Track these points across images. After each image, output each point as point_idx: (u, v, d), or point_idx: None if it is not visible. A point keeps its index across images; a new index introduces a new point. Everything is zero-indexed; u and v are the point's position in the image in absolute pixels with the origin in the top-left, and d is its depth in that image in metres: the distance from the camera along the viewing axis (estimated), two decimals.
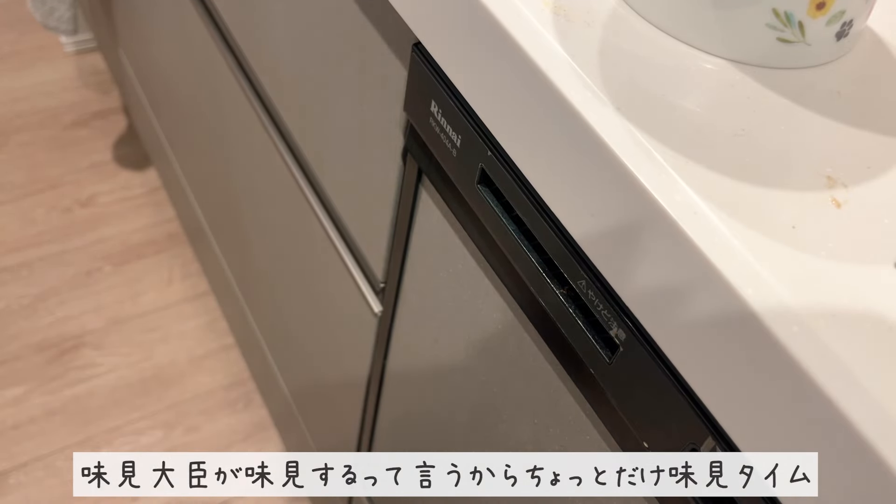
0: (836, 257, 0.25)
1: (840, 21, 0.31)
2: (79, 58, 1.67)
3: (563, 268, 0.33)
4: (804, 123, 0.30)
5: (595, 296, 0.32)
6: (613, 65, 0.30)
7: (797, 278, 0.25)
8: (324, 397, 0.84)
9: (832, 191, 0.27)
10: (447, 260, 0.46)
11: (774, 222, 0.26)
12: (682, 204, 0.26)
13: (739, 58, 0.31)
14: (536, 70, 0.30)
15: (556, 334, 0.36)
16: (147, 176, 1.49)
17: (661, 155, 0.27)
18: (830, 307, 0.24)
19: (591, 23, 0.32)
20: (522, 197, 0.34)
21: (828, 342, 0.23)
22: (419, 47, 0.39)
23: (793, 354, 0.23)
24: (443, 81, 0.37)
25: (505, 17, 0.31)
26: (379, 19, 0.44)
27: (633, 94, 0.29)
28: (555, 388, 0.39)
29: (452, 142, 0.38)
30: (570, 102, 0.29)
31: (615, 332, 0.31)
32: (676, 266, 0.26)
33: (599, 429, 0.36)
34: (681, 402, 0.29)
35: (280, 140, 0.67)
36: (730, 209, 0.26)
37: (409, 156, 0.46)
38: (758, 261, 0.25)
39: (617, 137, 0.28)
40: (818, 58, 0.32)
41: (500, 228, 0.37)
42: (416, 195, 0.47)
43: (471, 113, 0.36)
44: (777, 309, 0.24)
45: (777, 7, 0.30)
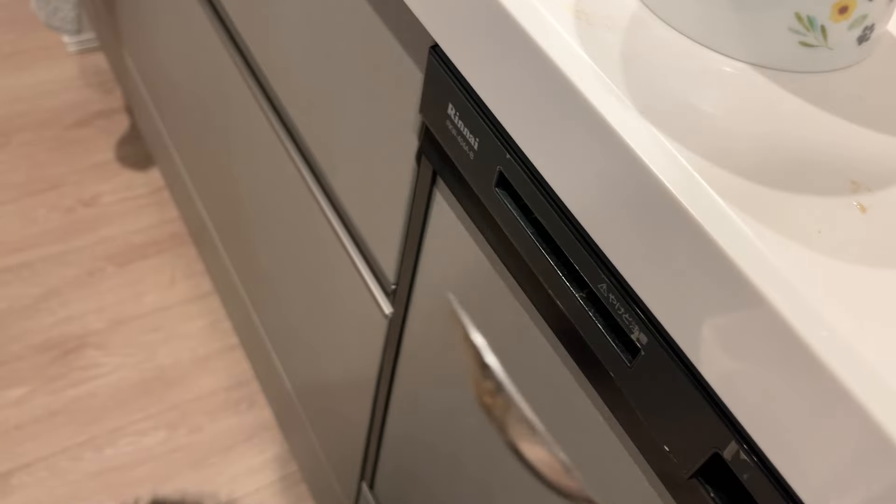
0: (862, 262, 0.25)
1: (862, 25, 0.31)
2: (81, 57, 1.67)
3: (584, 271, 0.33)
4: (827, 127, 0.30)
5: (616, 299, 0.32)
6: (635, 68, 0.30)
7: (824, 283, 0.24)
8: (330, 399, 0.84)
9: (857, 195, 0.27)
10: (461, 262, 0.46)
11: (800, 227, 0.26)
12: (706, 208, 0.26)
13: (761, 62, 0.31)
14: (558, 73, 0.30)
15: (574, 338, 0.36)
16: (150, 176, 1.48)
17: (685, 159, 0.27)
18: (859, 312, 0.24)
19: (613, 27, 0.32)
20: (542, 200, 0.34)
21: (857, 347, 0.23)
22: (436, 49, 0.39)
23: (821, 359, 0.23)
24: (460, 84, 0.37)
25: (526, 20, 0.31)
26: (393, 21, 0.44)
27: (656, 98, 0.29)
28: (571, 390, 0.39)
29: (470, 144, 0.38)
30: (593, 106, 0.29)
31: (636, 335, 0.31)
32: (701, 271, 0.26)
33: (618, 432, 0.36)
34: (703, 405, 0.29)
35: (289, 140, 0.67)
36: (755, 213, 0.26)
37: (423, 158, 0.46)
38: (784, 265, 0.25)
39: (640, 141, 0.28)
40: (840, 62, 0.32)
41: (518, 231, 0.37)
42: (431, 197, 0.47)
43: (489, 116, 0.36)
44: (805, 313, 0.24)
45: (800, 11, 0.30)
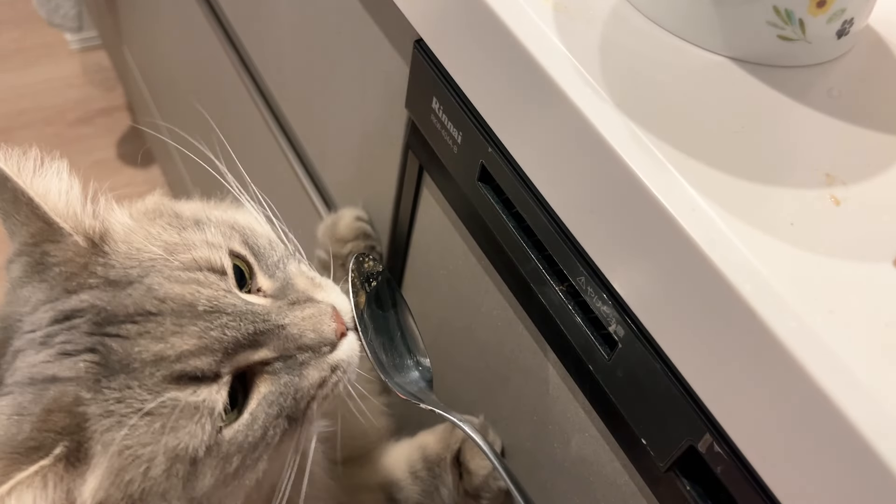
0: (834, 254, 0.25)
1: (841, 19, 0.31)
2: (83, 55, 1.67)
3: (563, 264, 0.33)
4: (804, 121, 0.30)
5: (594, 292, 0.32)
6: (614, 61, 0.30)
7: (795, 275, 0.25)
8: None
9: (831, 188, 0.27)
10: (448, 257, 0.46)
11: (773, 219, 0.26)
12: (680, 201, 0.26)
13: (740, 55, 0.31)
14: (537, 66, 0.30)
15: (555, 331, 0.36)
16: (150, 173, 1.49)
17: (660, 151, 0.27)
18: (828, 304, 0.24)
19: (592, 19, 0.32)
20: (522, 193, 0.34)
21: (825, 338, 0.23)
22: (420, 44, 0.39)
23: (790, 350, 0.23)
24: (444, 78, 0.38)
25: (506, 13, 0.31)
26: (381, 15, 0.44)
27: (634, 91, 0.29)
28: (554, 384, 0.39)
29: (453, 138, 0.38)
30: (570, 99, 0.29)
31: (614, 328, 0.31)
32: (675, 263, 0.26)
33: (598, 425, 0.36)
34: (679, 398, 0.29)
35: (282, 136, 0.68)
36: (728, 206, 0.26)
37: (410, 152, 0.46)
38: (756, 257, 0.25)
39: (616, 134, 0.28)
40: (819, 56, 0.32)
41: (501, 225, 0.37)
42: (418, 192, 0.47)
43: (472, 109, 0.36)
44: (775, 305, 0.24)
45: (778, 4, 0.30)
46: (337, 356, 0.37)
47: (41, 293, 0.35)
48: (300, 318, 0.36)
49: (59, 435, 0.31)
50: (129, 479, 0.32)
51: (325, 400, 0.37)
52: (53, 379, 0.32)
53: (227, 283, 0.35)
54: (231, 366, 0.34)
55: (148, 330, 0.33)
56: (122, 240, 0.36)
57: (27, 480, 0.30)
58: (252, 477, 0.35)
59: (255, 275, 0.38)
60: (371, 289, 0.41)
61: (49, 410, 0.31)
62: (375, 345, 0.40)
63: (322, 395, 0.36)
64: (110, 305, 0.33)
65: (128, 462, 0.32)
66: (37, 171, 0.36)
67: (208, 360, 0.33)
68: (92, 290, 0.34)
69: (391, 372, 0.40)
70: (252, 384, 0.35)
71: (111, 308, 0.33)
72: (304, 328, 0.36)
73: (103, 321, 0.33)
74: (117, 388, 0.32)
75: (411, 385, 0.40)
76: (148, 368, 0.32)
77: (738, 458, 0.27)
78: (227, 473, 0.34)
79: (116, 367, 0.32)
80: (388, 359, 0.41)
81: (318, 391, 0.36)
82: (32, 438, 0.31)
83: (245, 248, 0.38)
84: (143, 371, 0.32)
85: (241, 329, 0.34)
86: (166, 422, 0.32)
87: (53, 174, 0.37)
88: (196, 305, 0.34)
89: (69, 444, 0.31)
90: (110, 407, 0.32)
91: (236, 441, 0.33)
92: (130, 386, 0.32)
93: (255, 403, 0.34)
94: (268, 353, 0.35)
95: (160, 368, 0.32)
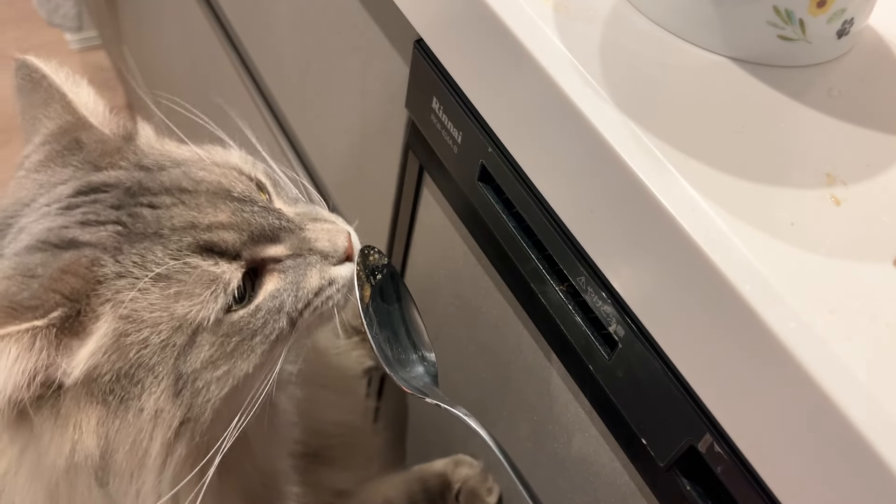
0: (834, 254, 0.25)
1: (841, 19, 0.31)
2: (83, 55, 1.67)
3: (563, 264, 0.33)
4: (804, 121, 0.30)
5: (594, 292, 0.32)
6: (614, 61, 0.30)
7: (795, 275, 0.24)
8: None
9: (832, 188, 0.27)
10: (448, 257, 0.46)
11: (773, 219, 0.26)
12: (680, 201, 0.26)
13: (740, 55, 0.31)
14: (537, 66, 0.30)
15: (555, 331, 0.36)
16: None
17: (660, 151, 0.27)
18: (828, 304, 0.24)
19: (592, 19, 0.32)
20: (522, 193, 0.34)
21: (825, 338, 0.23)
22: (420, 44, 0.39)
23: (790, 350, 0.23)
24: (444, 77, 0.38)
25: (506, 13, 0.31)
26: (381, 15, 0.44)
27: (634, 91, 0.29)
28: (554, 384, 0.39)
29: (453, 138, 0.38)
30: (570, 98, 0.29)
31: (614, 328, 0.31)
32: (675, 263, 0.26)
33: (598, 425, 0.36)
34: (679, 398, 0.29)
35: (282, 136, 0.68)
36: (728, 206, 0.26)
37: (410, 152, 0.46)
38: (756, 257, 0.25)
39: (616, 134, 0.28)
40: (819, 56, 0.32)
41: (501, 225, 0.37)
42: (419, 192, 0.47)
43: (472, 109, 0.36)
44: (775, 305, 0.24)
45: (778, 4, 0.30)
46: (337, 271, 0.39)
47: (62, 175, 0.37)
48: (319, 229, 0.39)
49: (63, 298, 0.32)
50: (127, 344, 0.33)
51: (316, 313, 0.38)
52: (72, 242, 0.33)
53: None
54: (250, 252, 0.36)
55: (183, 201, 0.35)
56: (150, 144, 0.39)
57: (16, 335, 0.30)
58: (242, 368, 0.36)
59: (275, 202, 0.40)
60: (376, 282, 0.41)
61: (64, 271, 0.32)
62: (380, 339, 0.41)
63: (315, 306, 0.38)
64: (144, 181, 0.36)
65: (131, 327, 0.33)
66: (69, 80, 0.40)
67: (234, 237, 0.35)
68: (123, 170, 0.37)
69: (396, 367, 0.40)
70: (260, 283, 0.37)
71: (145, 183, 0.36)
72: (321, 236, 0.39)
73: (137, 192, 0.35)
74: (139, 252, 0.33)
75: (416, 380, 0.41)
76: (176, 234, 0.34)
77: (738, 458, 0.27)
78: (224, 352, 0.35)
79: (142, 233, 0.34)
80: (394, 353, 0.41)
81: (314, 298, 0.38)
82: (36, 297, 0.31)
83: (267, 179, 0.41)
84: (171, 237, 0.34)
85: (268, 220, 0.37)
86: (182, 288, 0.33)
87: (84, 88, 0.41)
88: (231, 191, 0.37)
89: (69, 310, 0.32)
90: (129, 269, 0.33)
91: (239, 324, 0.35)
92: (153, 250, 0.33)
93: (262, 297, 0.36)
94: (283, 249, 0.37)
95: (188, 235, 0.34)
